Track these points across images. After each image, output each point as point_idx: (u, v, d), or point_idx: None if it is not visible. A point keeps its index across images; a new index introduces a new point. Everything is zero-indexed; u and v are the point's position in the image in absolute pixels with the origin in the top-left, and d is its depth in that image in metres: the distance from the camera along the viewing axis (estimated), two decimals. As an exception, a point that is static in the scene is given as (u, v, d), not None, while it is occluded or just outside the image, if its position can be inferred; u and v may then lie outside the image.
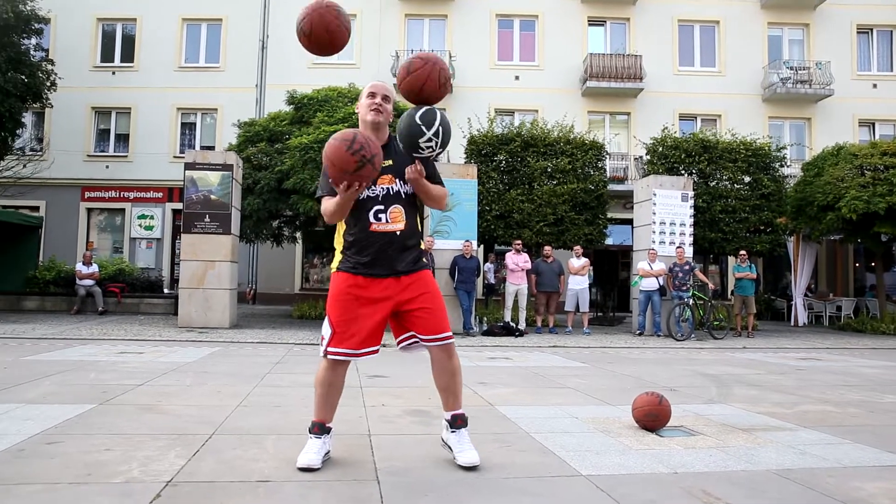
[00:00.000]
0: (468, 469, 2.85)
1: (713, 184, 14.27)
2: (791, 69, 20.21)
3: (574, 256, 12.40)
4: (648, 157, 14.87)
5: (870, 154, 13.47)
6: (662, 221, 12.23)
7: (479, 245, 13.51)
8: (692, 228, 12.47)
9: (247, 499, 2.43)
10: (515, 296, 11.81)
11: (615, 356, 8.33)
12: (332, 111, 12.57)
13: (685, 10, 20.73)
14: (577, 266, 12.18)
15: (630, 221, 14.41)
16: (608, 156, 17.38)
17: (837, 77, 20.18)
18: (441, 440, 3.07)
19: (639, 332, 11.90)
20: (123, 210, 20.17)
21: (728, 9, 20.78)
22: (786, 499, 2.58)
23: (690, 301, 11.42)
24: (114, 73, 20.45)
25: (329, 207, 2.77)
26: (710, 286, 12.37)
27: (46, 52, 18.08)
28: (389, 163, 2.87)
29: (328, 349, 2.81)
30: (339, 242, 2.92)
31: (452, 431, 2.96)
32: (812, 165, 15.08)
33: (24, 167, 17.84)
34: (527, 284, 11.89)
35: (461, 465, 2.87)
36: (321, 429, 2.87)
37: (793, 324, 16.19)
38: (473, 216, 11.63)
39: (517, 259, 11.82)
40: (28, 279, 14.74)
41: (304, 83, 17.09)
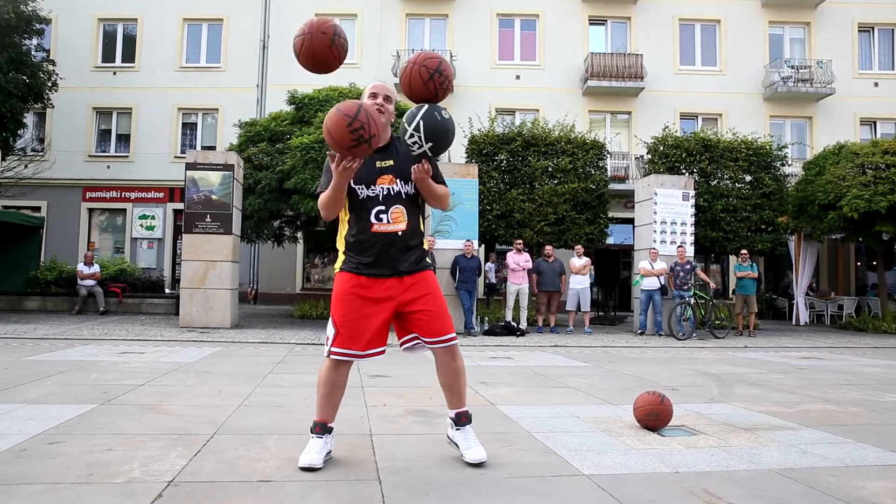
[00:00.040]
0: (475, 466, 2.87)
1: (714, 183, 14.26)
2: (792, 68, 20.19)
3: (575, 256, 12.40)
4: (649, 157, 14.86)
5: (871, 153, 13.45)
6: (663, 221, 12.23)
7: (481, 245, 13.51)
8: (693, 228, 12.47)
9: (248, 498, 2.43)
10: (517, 295, 11.81)
11: (616, 356, 8.32)
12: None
13: (686, 9, 20.71)
14: (579, 265, 12.17)
15: (631, 221, 14.40)
16: (609, 155, 17.36)
17: (838, 76, 20.16)
18: (446, 437, 3.09)
19: (640, 332, 11.89)
20: (125, 210, 20.19)
21: (729, 8, 20.75)
22: (788, 498, 2.58)
23: (692, 300, 11.41)
24: (115, 74, 20.47)
25: (324, 198, 2.78)
26: (712, 285, 12.35)
27: (48, 53, 18.11)
28: (391, 163, 2.87)
29: (331, 349, 2.82)
30: (342, 244, 2.93)
31: (457, 429, 2.99)
32: (813, 164, 15.06)
33: (26, 167, 17.87)
34: (528, 284, 11.89)
35: (469, 462, 2.89)
36: (323, 428, 2.87)
37: (794, 323, 16.18)
38: (474, 216, 11.62)
39: (518, 258, 11.82)
40: (29, 279, 14.76)
41: (305, 83, 16.98)
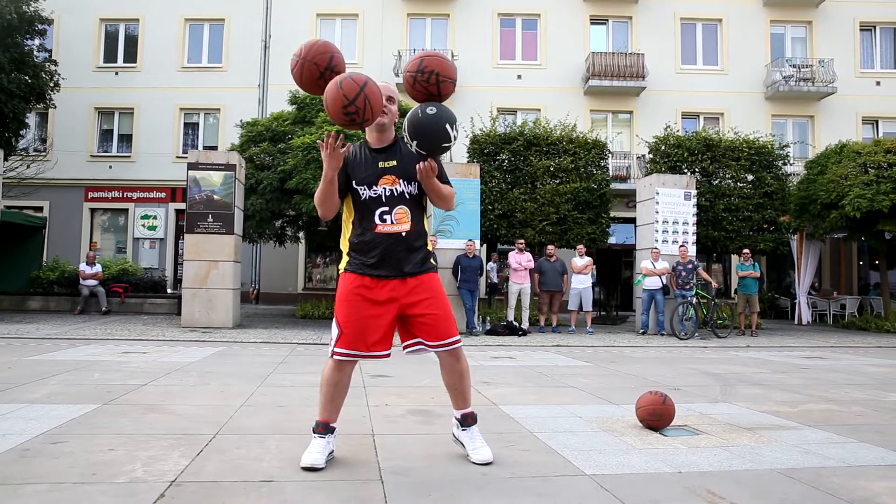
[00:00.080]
0: (482, 465, 2.88)
1: (716, 182, 14.25)
2: (794, 67, 20.15)
3: (577, 255, 12.39)
4: (651, 156, 14.85)
5: (873, 152, 13.42)
6: (665, 220, 12.22)
7: (482, 244, 13.51)
8: (695, 227, 12.45)
9: (250, 498, 2.43)
10: (518, 295, 11.81)
11: (618, 355, 8.32)
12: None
13: (687, 8, 20.68)
14: (581, 265, 12.16)
15: (633, 220, 14.39)
16: (611, 154, 17.33)
17: (840, 75, 20.12)
18: (452, 436, 3.11)
19: (642, 331, 11.88)
20: (127, 210, 20.21)
21: (730, 7, 20.72)
22: (791, 498, 2.57)
23: (694, 300, 11.40)
24: (117, 74, 20.49)
25: (317, 193, 2.80)
26: (714, 285, 12.32)
27: (50, 53, 18.11)
28: (394, 163, 2.86)
29: (335, 349, 2.82)
30: (345, 244, 2.93)
31: (463, 430, 3.01)
32: (815, 163, 15.03)
33: (28, 168, 17.89)
34: (530, 283, 11.88)
35: (475, 462, 2.90)
36: (325, 428, 2.87)
37: (797, 322, 16.15)
38: (476, 215, 11.62)
39: (520, 258, 11.81)
40: (32, 279, 14.79)
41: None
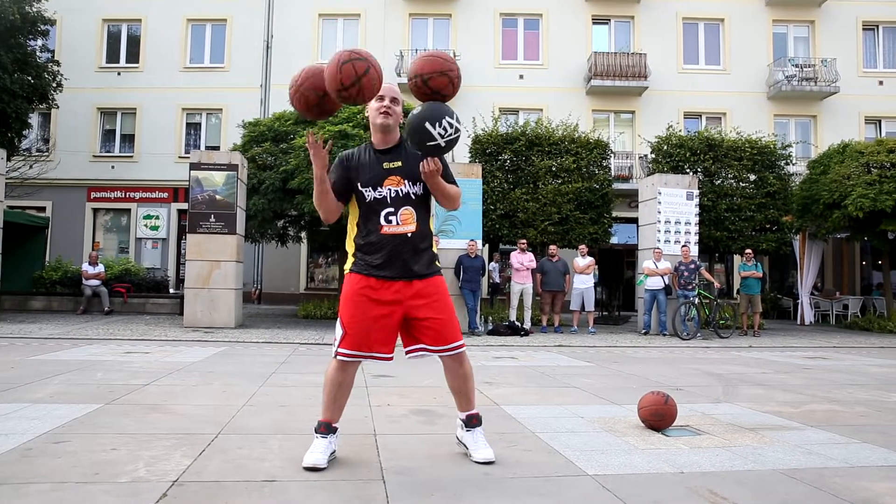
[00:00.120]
0: (483, 464, 2.89)
1: (718, 182, 14.23)
2: (796, 66, 20.12)
3: (579, 255, 12.38)
4: (653, 156, 14.83)
5: (876, 151, 13.40)
6: (667, 220, 12.20)
7: (484, 244, 13.51)
8: (697, 227, 12.43)
9: (252, 498, 2.43)
10: (520, 295, 11.80)
11: (620, 355, 8.31)
12: (337, 109, 12.59)
13: (689, 8, 20.65)
14: (583, 265, 12.15)
15: (635, 220, 14.37)
16: (613, 154, 17.31)
17: (843, 74, 20.07)
18: (456, 438, 3.13)
19: (644, 332, 11.87)
20: (129, 210, 20.24)
21: (733, 6, 20.68)
22: (793, 499, 2.57)
23: (696, 300, 11.39)
24: (119, 74, 20.52)
25: (314, 197, 2.83)
26: (716, 285, 12.31)
27: (52, 54, 18.15)
28: (398, 164, 2.87)
29: (339, 349, 2.82)
30: (351, 245, 2.93)
31: (467, 430, 3.03)
32: (818, 163, 15.01)
33: (31, 168, 17.91)
34: (532, 283, 11.88)
35: (477, 462, 2.91)
36: (328, 428, 2.88)
37: (799, 322, 16.12)
38: (478, 215, 11.62)
39: (522, 258, 11.80)
40: (35, 279, 14.80)
41: (309, 83, 17.09)
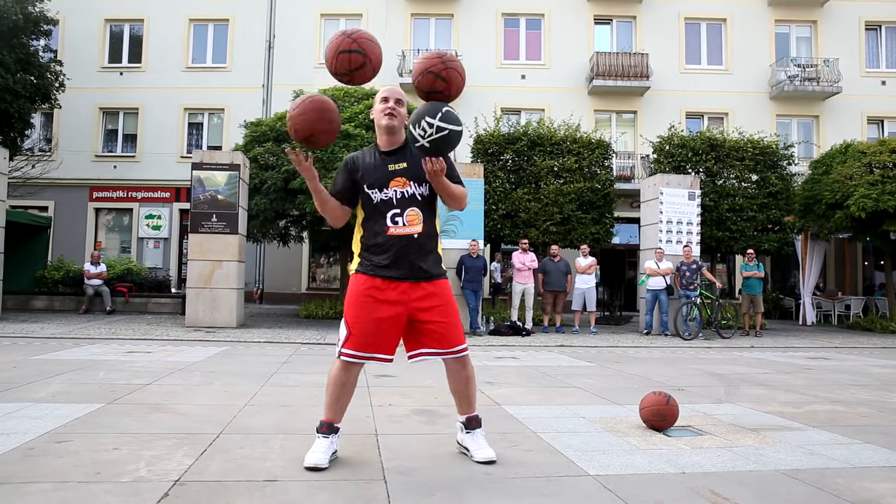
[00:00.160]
0: (483, 464, 2.89)
1: (720, 182, 14.20)
2: (799, 66, 20.08)
3: (581, 255, 12.38)
4: (655, 156, 14.81)
5: (878, 151, 13.38)
6: (669, 220, 12.20)
7: (486, 244, 13.51)
8: (699, 227, 12.42)
9: (254, 498, 2.44)
10: (522, 295, 11.80)
11: (622, 355, 8.31)
12: (339, 111, 12.61)
13: (692, 8, 20.63)
14: (584, 265, 12.15)
15: (637, 220, 14.36)
16: (615, 154, 17.32)
17: (845, 74, 20.04)
18: (457, 443, 3.13)
19: (646, 332, 11.86)
20: (131, 210, 20.27)
21: (735, 6, 20.66)
22: (795, 499, 2.57)
23: (698, 300, 11.37)
24: (121, 74, 20.55)
25: (315, 204, 2.87)
26: (718, 285, 12.31)
27: (55, 54, 18.15)
28: (404, 165, 2.87)
29: (342, 350, 2.83)
30: (357, 245, 2.94)
31: (467, 433, 3.03)
32: (820, 163, 14.98)
33: (33, 167, 17.95)
34: (533, 283, 11.87)
35: (478, 462, 2.92)
36: (329, 428, 2.88)
37: (801, 323, 16.10)
38: (480, 215, 11.62)
39: (524, 258, 11.80)
40: (37, 279, 14.83)
41: (311, 83, 17.12)
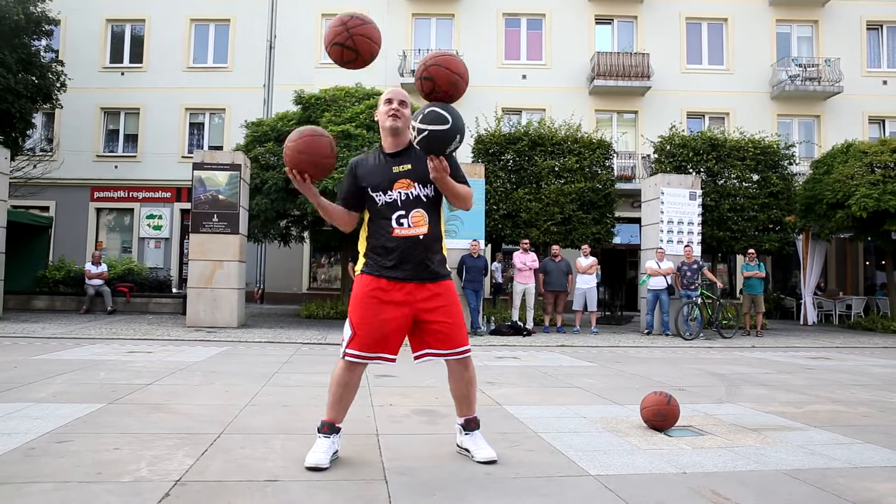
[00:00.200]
0: (484, 464, 2.90)
1: (721, 182, 14.19)
2: (800, 66, 20.08)
3: (582, 255, 12.37)
4: (656, 156, 14.80)
5: (880, 151, 13.36)
6: (670, 220, 12.19)
7: (487, 244, 13.51)
8: (700, 227, 12.42)
9: (255, 498, 2.44)
10: (523, 295, 11.80)
11: (623, 355, 8.30)
12: (340, 111, 12.62)
13: (693, 8, 20.62)
14: (585, 265, 12.14)
15: (638, 220, 14.36)
16: (616, 154, 17.32)
17: (847, 74, 20.03)
18: (457, 446, 3.13)
19: (647, 332, 11.85)
20: (132, 210, 20.29)
21: (736, 6, 20.65)
22: (796, 499, 2.56)
23: (699, 300, 11.37)
24: (123, 74, 20.57)
25: (322, 215, 2.95)
26: (719, 285, 12.30)
27: (56, 54, 18.18)
28: (408, 167, 2.87)
29: (347, 350, 2.83)
30: (363, 246, 2.95)
31: (467, 434, 3.04)
32: (821, 163, 14.97)
33: (35, 167, 17.97)
34: (534, 283, 11.86)
35: (479, 461, 2.92)
36: (331, 428, 2.88)
37: (802, 322, 16.09)
38: (481, 215, 11.62)
39: (525, 258, 11.80)
40: (38, 279, 14.84)
41: (312, 83, 17.14)
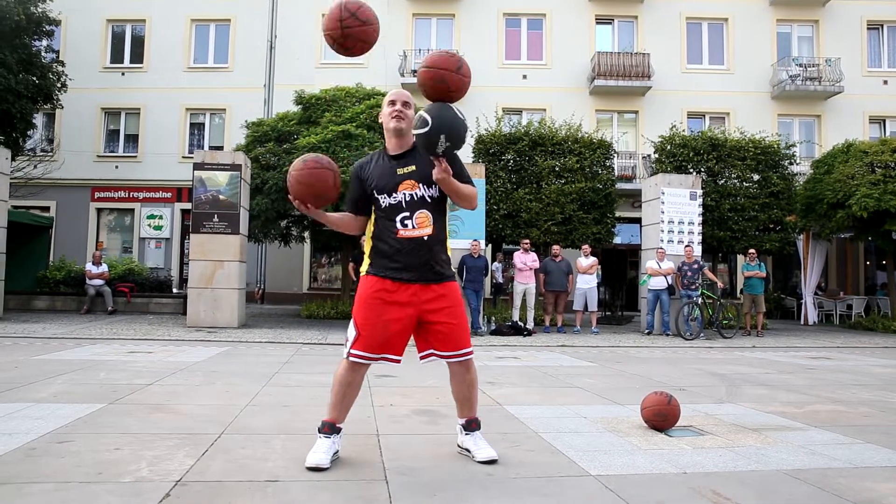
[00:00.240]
0: (485, 464, 2.90)
1: (722, 182, 14.18)
2: (800, 66, 20.07)
3: (582, 255, 12.37)
4: (656, 156, 14.80)
5: (880, 151, 13.36)
6: (671, 220, 12.19)
7: (487, 244, 13.51)
8: (700, 227, 12.41)
9: (255, 498, 2.44)
10: (523, 295, 11.79)
11: (624, 355, 8.30)
12: (340, 111, 12.63)
13: (693, 8, 20.61)
14: (586, 265, 12.14)
15: (638, 220, 14.35)
16: (616, 154, 17.31)
17: (847, 74, 20.02)
18: (457, 447, 3.13)
19: (647, 332, 11.85)
20: (133, 210, 20.30)
21: (736, 6, 20.64)
22: (796, 499, 2.56)
23: (699, 300, 11.36)
24: (123, 74, 20.58)
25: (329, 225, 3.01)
26: (719, 285, 12.29)
27: (57, 54, 18.18)
28: (412, 168, 2.87)
29: (351, 351, 2.83)
30: (368, 247, 2.96)
31: (467, 434, 3.05)
32: (822, 163, 14.97)
33: (35, 168, 17.98)
34: (535, 283, 11.86)
35: (480, 461, 2.93)
36: (331, 428, 2.88)
37: (803, 322, 16.09)
38: (481, 215, 11.62)
39: (525, 258, 11.80)
40: (38, 279, 14.85)
41: (312, 83, 17.15)
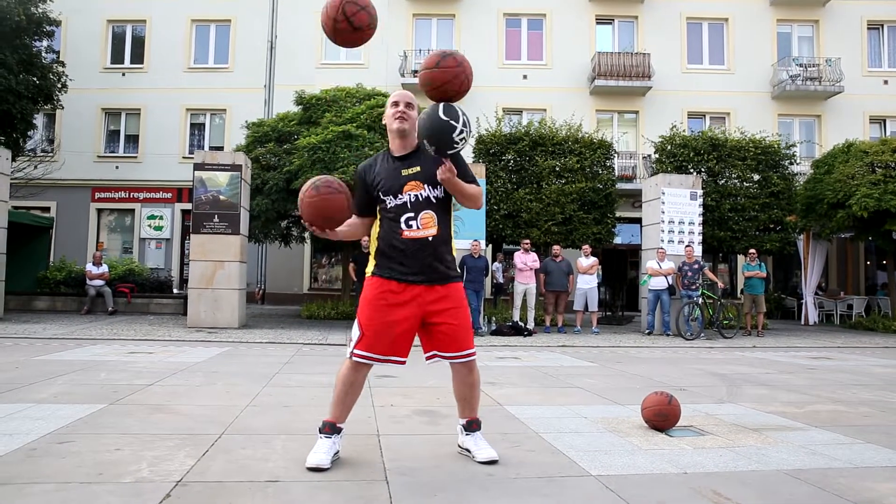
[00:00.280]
0: (486, 464, 2.91)
1: (722, 182, 14.18)
2: (801, 66, 20.07)
3: (583, 255, 12.37)
4: (657, 156, 14.80)
5: (881, 151, 13.36)
6: (671, 220, 12.19)
7: (488, 244, 13.51)
8: (701, 227, 12.41)
9: (256, 498, 2.44)
10: (524, 295, 11.79)
11: (624, 356, 8.30)
12: (341, 111, 12.63)
13: (693, 8, 20.61)
14: (586, 265, 12.14)
15: (639, 220, 14.35)
16: (616, 154, 17.31)
17: (848, 74, 20.01)
18: (458, 447, 3.13)
19: (648, 332, 11.85)
20: (133, 210, 20.30)
21: (737, 6, 20.64)
22: (797, 499, 2.57)
23: (700, 300, 11.36)
24: (123, 75, 20.59)
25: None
26: (720, 285, 12.30)
27: (57, 54, 18.19)
28: (417, 169, 2.87)
29: (354, 351, 2.84)
30: (374, 247, 2.96)
31: (468, 434, 3.05)
32: (822, 163, 14.97)
33: (36, 168, 17.98)
34: (535, 284, 11.86)
35: (480, 461, 2.93)
36: (332, 429, 2.88)
37: (803, 322, 16.09)
38: (481, 215, 11.62)
39: (525, 258, 11.80)
40: (39, 279, 14.85)
41: (313, 83, 17.15)
